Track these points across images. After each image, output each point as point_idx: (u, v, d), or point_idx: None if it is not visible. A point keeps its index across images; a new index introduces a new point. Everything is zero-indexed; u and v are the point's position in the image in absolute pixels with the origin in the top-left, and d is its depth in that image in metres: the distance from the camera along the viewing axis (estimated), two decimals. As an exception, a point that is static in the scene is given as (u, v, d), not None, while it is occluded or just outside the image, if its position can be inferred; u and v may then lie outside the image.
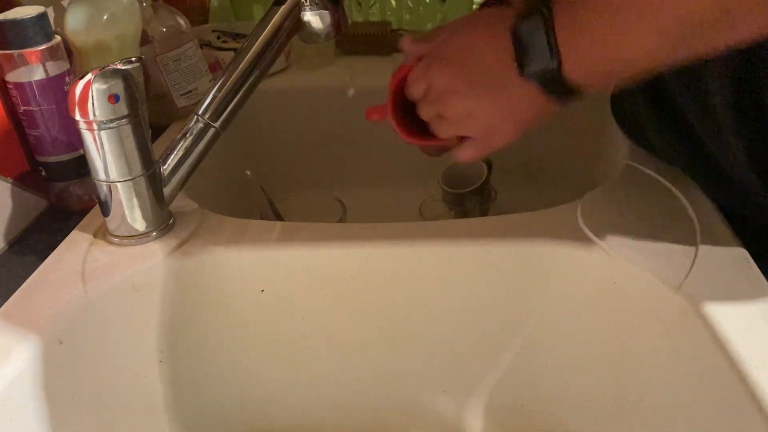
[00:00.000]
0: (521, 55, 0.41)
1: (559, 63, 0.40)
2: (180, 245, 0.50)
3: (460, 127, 0.47)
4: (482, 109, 0.45)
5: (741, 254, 0.44)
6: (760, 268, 0.43)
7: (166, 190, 0.50)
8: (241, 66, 0.51)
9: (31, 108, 0.53)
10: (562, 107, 0.44)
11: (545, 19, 0.40)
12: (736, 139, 0.44)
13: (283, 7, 0.53)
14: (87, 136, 0.46)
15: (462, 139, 0.49)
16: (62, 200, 0.57)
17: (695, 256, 0.44)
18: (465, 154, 0.49)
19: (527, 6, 0.42)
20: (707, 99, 0.44)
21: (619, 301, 0.47)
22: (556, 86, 0.41)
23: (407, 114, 0.51)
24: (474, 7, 0.92)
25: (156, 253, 0.49)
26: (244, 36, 0.85)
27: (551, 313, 0.50)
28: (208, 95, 0.51)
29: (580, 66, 0.40)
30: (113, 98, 0.44)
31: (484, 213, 0.74)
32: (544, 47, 0.40)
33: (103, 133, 0.45)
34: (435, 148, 0.54)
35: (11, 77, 0.53)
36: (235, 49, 0.80)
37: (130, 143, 0.46)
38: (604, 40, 0.38)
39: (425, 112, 0.49)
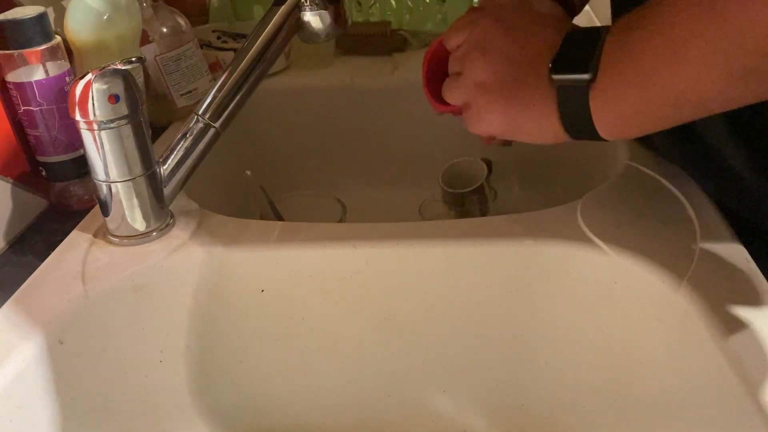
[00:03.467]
0: (561, 114, 0.40)
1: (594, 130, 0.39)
2: (180, 245, 0.50)
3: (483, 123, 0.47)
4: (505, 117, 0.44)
5: (741, 254, 0.44)
6: (759, 267, 0.43)
7: (166, 190, 0.50)
8: (241, 66, 0.51)
9: (31, 108, 0.53)
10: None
11: (586, 84, 0.38)
12: (737, 138, 0.44)
13: (283, 7, 0.53)
14: (87, 136, 0.46)
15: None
16: (62, 200, 0.57)
17: (695, 256, 0.44)
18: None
19: (566, 58, 0.39)
20: None
21: (619, 301, 0.47)
22: (586, 137, 0.41)
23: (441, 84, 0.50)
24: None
25: (156, 253, 0.49)
26: (244, 36, 0.85)
27: (551, 313, 0.50)
28: (208, 95, 0.51)
29: (615, 134, 0.39)
30: (113, 98, 0.44)
31: (484, 213, 0.74)
32: (583, 112, 0.39)
33: (103, 133, 0.45)
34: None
35: (11, 77, 0.53)
36: (235, 49, 0.80)
37: (130, 143, 0.46)
38: (640, 115, 0.37)
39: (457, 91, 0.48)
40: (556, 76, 0.39)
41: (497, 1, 0.47)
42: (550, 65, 0.40)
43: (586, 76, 0.38)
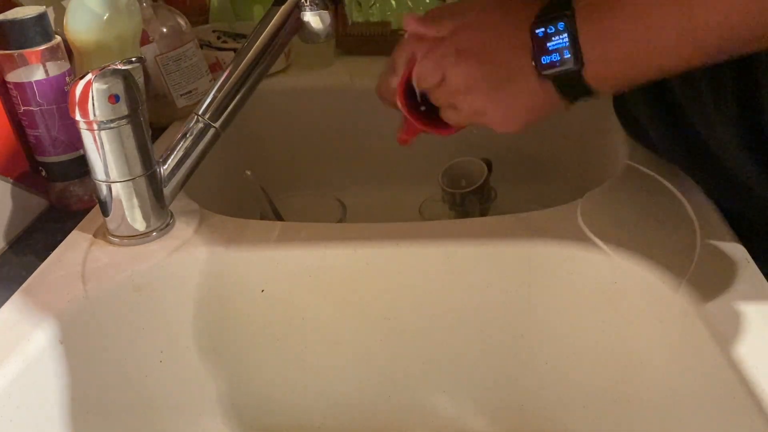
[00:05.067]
0: (540, 55, 0.41)
1: (581, 67, 0.39)
2: (180, 245, 0.50)
3: (472, 119, 0.47)
4: (495, 107, 0.45)
5: (741, 254, 0.44)
6: (760, 268, 0.43)
7: (166, 190, 0.50)
8: (241, 66, 0.51)
9: (31, 108, 0.53)
10: (572, 106, 0.43)
11: (569, 21, 0.39)
12: (734, 134, 0.44)
13: (283, 7, 0.53)
14: (87, 136, 0.46)
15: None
16: (62, 200, 0.57)
17: (695, 256, 0.44)
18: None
19: (548, 4, 0.41)
20: (705, 95, 0.44)
21: (619, 301, 0.47)
22: (573, 89, 0.41)
23: (415, 100, 0.50)
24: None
25: (156, 253, 0.49)
26: (244, 36, 0.85)
27: (551, 313, 0.50)
28: (208, 95, 0.51)
29: (602, 72, 0.39)
30: (113, 98, 0.44)
31: (484, 213, 0.74)
32: (568, 51, 0.39)
33: (103, 133, 0.45)
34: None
35: (11, 77, 0.53)
36: (235, 49, 0.80)
37: (130, 143, 0.46)
38: (633, 48, 0.37)
39: (438, 99, 0.48)
40: (546, 72, 0.41)
41: (444, 28, 0.47)
42: (534, 65, 0.41)
43: (574, 67, 0.39)
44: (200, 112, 0.51)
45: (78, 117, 0.45)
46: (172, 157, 0.50)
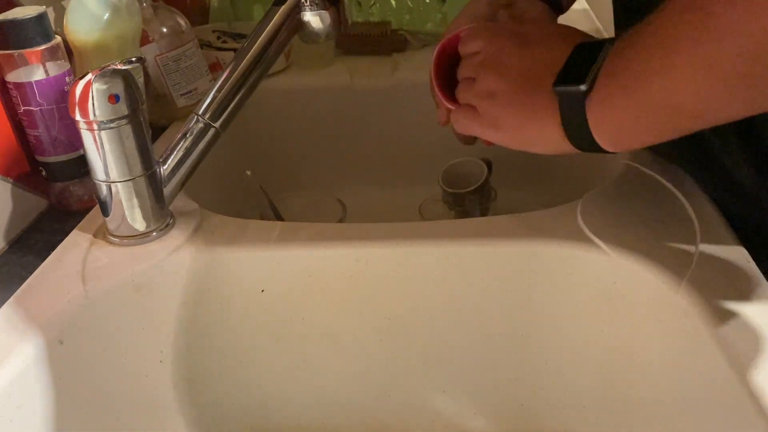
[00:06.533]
0: (563, 125, 0.40)
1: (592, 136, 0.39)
2: (180, 245, 0.50)
3: (484, 127, 0.47)
4: (510, 123, 0.44)
5: (741, 254, 0.44)
6: (759, 268, 0.43)
7: (166, 190, 0.50)
8: (241, 66, 0.51)
9: (31, 108, 0.53)
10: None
11: (582, 95, 0.38)
12: (738, 140, 0.44)
13: (283, 7, 0.53)
14: (87, 136, 0.46)
15: None
16: (62, 200, 0.57)
17: (695, 256, 0.44)
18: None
19: (567, 68, 0.40)
20: None
21: (619, 301, 0.47)
22: (588, 148, 0.40)
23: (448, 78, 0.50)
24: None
25: (156, 253, 0.49)
26: (244, 36, 0.85)
27: (551, 313, 0.50)
28: (208, 95, 0.51)
29: (615, 144, 0.39)
30: (113, 98, 0.44)
31: (484, 213, 0.74)
32: (581, 123, 0.39)
33: (103, 133, 0.45)
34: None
35: (11, 77, 0.53)
36: (235, 49, 0.80)
37: (130, 143, 0.46)
38: (635, 127, 0.37)
39: (464, 96, 0.48)
40: (556, 88, 0.40)
41: (515, 14, 0.47)
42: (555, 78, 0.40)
43: (582, 87, 0.38)
44: (200, 112, 0.51)
45: (78, 117, 0.45)
46: (172, 157, 0.50)
